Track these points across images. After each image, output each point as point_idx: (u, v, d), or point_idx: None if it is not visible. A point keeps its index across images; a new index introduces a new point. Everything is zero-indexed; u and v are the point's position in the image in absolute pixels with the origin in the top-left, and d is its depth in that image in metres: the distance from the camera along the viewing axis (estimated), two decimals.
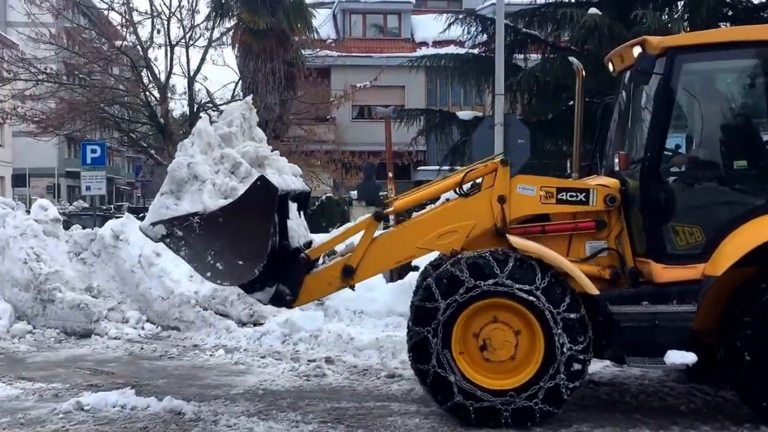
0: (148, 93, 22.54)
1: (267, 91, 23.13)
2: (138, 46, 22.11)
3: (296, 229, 6.31)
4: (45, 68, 22.07)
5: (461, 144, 16.30)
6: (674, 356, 5.41)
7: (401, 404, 6.21)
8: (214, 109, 24.81)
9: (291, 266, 5.96)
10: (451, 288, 5.45)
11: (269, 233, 5.57)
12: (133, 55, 22.18)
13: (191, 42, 22.79)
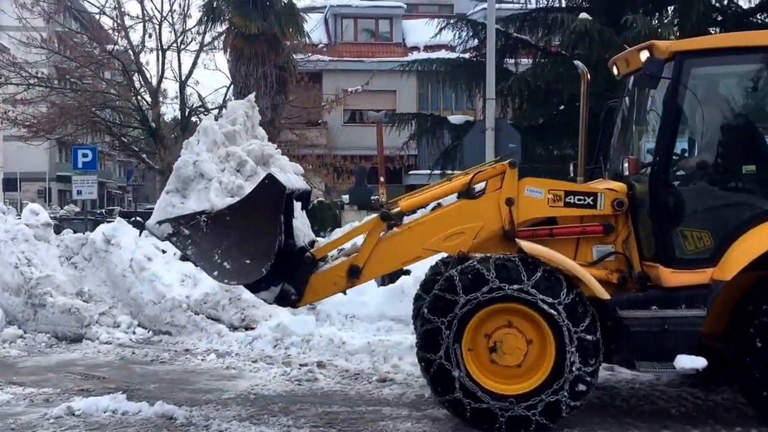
0: (140, 97, 22.53)
1: (258, 96, 22.98)
2: (129, 51, 22.09)
3: (301, 228, 6.25)
4: (36, 72, 22.02)
5: (452, 148, 16.33)
6: (684, 361, 5.42)
7: (393, 408, 6.21)
8: (206, 114, 24.82)
9: (296, 265, 5.90)
10: (475, 285, 5.40)
11: (277, 232, 5.53)
12: (125, 60, 22.15)
13: (183, 46, 22.81)
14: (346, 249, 6.27)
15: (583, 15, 13.94)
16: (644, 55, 5.81)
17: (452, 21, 17.44)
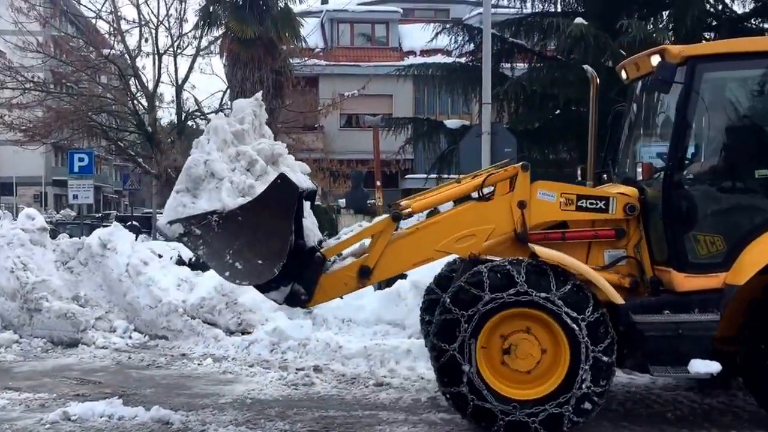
0: (136, 102, 22.49)
1: None
2: (126, 55, 22.07)
3: (311, 228, 6.19)
4: (32, 77, 21.97)
5: (449, 152, 16.37)
6: (698, 365, 5.43)
7: (389, 413, 6.21)
8: (202, 118, 24.81)
9: (306, 266, 5.84)
10: (503, 285, 5.36)
11: (289, 232, 5.49)
12: (121, 64, 22.13)
13: (179, 51, 22.78)
14: (354, 249, 6.23)
15: (579, 20, 14.00)
16: (655, 60, 5.82)
17: (448, 26, 17.51)
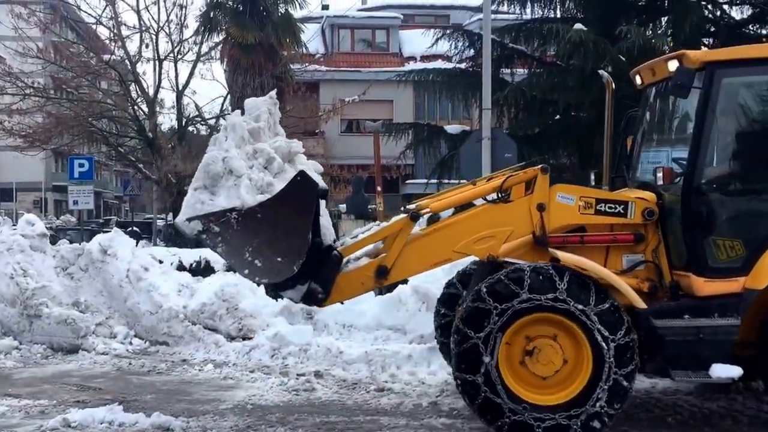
0: (137, 107, 22.51)
1: None
2: (126, 61, 22.10)
3: (327, 226, 6.16)
4: (32, 82, 22.00)
5: (449, 158, 16.38)
6: (719, 370, 5.43)
7: (390, 418, 6.21)
8: (203, 124, 24.83)
9: (323, 264, 5.80)
10: (543, 288, 5.34)
11: (309, 229, 5.47)
12: (122, 70, 22.16)
13: (180, 56, 22.81)
14: (368, 249, 6.20)
15: (578, 26, 14.03)
16: (673, 65, 5.83)
17: (448, 31, 17.54)
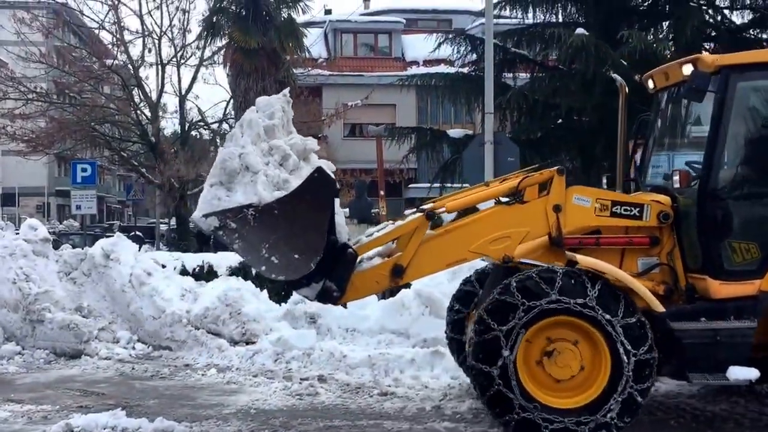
0: (139, 112, 22.58)
1: None
2: (129, 65, 22.17)
3: (342, 225, 6.12)
4: (35, 87, 22.08)
5: (452, 162, 16.38)
6: (736, 372, 5.44)
7: (394, 422, 6.19)
8: (205, 128, 24.86)
9: (338, 262, 5.76)
10: (573, 292, 5.31)
11: (326, 226, 5.46)
12: (124, 74, 22.23)
13: (182, 61, 22.92)
14: (379, 249, 6.17)
15: (580, 30, 14.07)
16: (688, 69, 5.86)
17: (451, 36, 17.57)
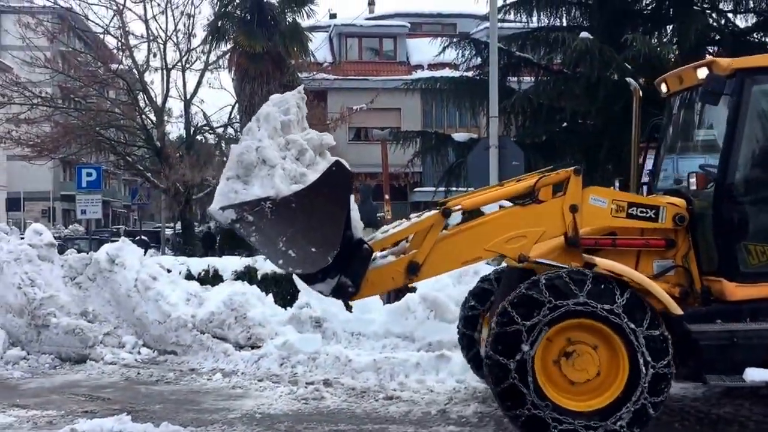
0: (145, 116, 22.63)
1: None
2: (134, 70, 22.23)
3: (357, 220, 6.09)
4: (40, 92, 22.14)
5: (457, 166, 16.39)
6: (753, 374, 5.42)
7: (399, 426, 6.17)
8: (211, 132, 24.89)
9: (354, 257, 5.73)
10: (601, 297, 5.30)
11: (343, 220, 5.45)
12: (129, 79, 22.29)
13: (188, 65, 22.98)
14: (393, 248, 6.15)
15: (584, 34, 14.06)
16: (703, 73, 5.88)
17: (455, 40, 17.59)
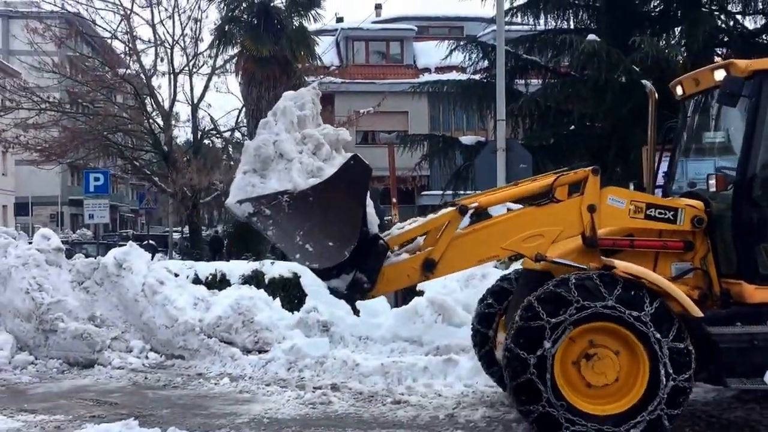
0: (152, 121, 22.68)
1: None
2: (141, 74, 22.29)
3: (373, 215, 6.06)
4: (48, 97, 22.24)
5: (464, 169, 16.36)
6: None
7: (407, 431, 6.14)
8: (218, 136, 24.93)
9: (370, 253, 5.69)
10: (629, 303, 5.27)
11: (361, 214, 5.42)
12: (137, 83, 22.35)
13: (195, 70, 23.03)
14: (407, 246, 6.12)
15: (592, 36, 14.02)
16: (720, 74, 5.86)
17: (462, 43, 17.59)
